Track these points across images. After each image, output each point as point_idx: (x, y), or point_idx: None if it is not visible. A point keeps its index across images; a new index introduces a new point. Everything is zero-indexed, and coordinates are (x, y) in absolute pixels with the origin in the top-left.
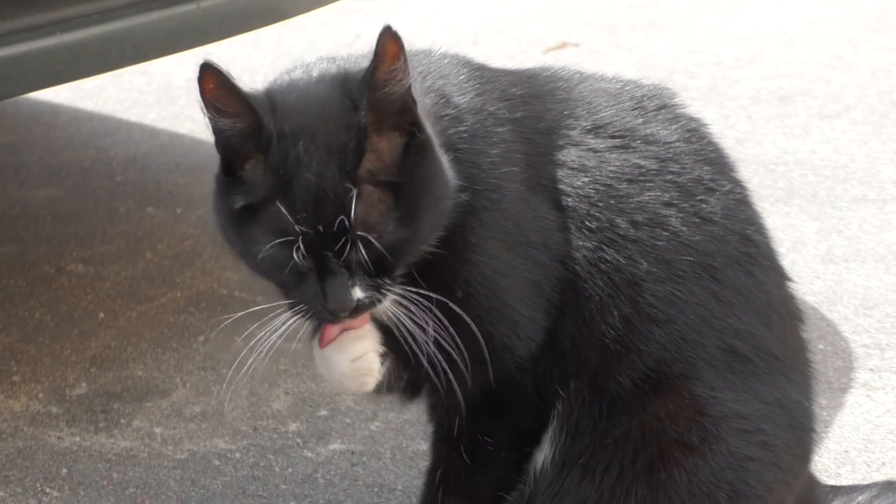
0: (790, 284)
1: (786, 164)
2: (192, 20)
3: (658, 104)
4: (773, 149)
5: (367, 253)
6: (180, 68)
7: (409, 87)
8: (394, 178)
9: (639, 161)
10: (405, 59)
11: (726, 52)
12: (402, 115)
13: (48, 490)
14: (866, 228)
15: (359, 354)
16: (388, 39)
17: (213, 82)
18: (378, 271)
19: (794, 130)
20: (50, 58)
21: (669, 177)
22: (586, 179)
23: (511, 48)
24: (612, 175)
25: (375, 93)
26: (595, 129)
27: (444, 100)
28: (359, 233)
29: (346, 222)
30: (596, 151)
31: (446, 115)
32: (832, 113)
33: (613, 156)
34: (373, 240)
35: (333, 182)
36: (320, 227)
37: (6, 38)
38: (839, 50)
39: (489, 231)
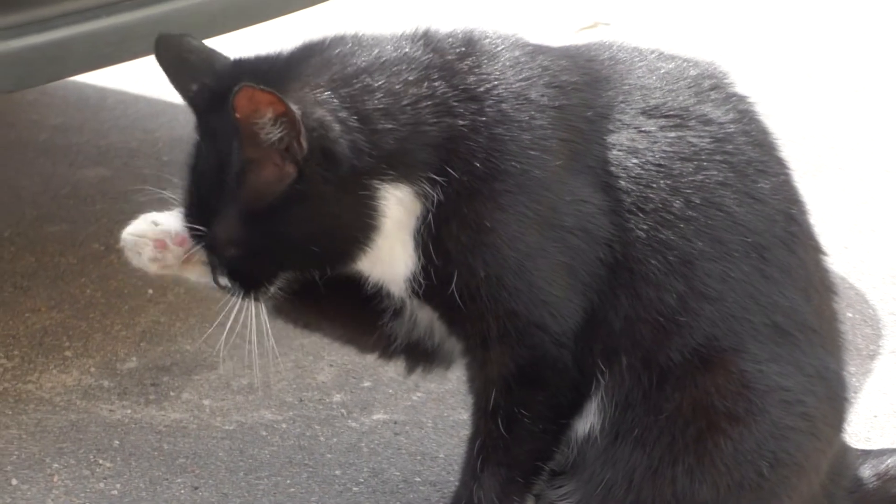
0: (825, 258)
1: (813, 137)
2: (237, 2)
3: (712, 84)
4: (800, 122)
5: (218, 260)
6: (225, 51)
7: (288, 139)
8: (255, 213)
9: (694, 140)
10: (275, 115)
11: (754, 26)
12: (284, 158)
13: (101, 461)
14: (894, 199)
15: (139, 233)
16: (241, 97)
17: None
18: (231, 275)
19: (821, 103)
20: (97, 40)
21: (724, 157)
22: (639, 161)
23: (543, 27)
24: (665, 155)
25: (244, 139)
26: (649, 111)
27: (462, 92)
28: (207, 244)
29: (201, 231)
30: (649, 132)
31: (458, 107)
32: (859, 86)
33: (668, 135)
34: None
35: (205, 192)
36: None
37: (55, 22)
38: (866, 22)
39: (510, 215)
